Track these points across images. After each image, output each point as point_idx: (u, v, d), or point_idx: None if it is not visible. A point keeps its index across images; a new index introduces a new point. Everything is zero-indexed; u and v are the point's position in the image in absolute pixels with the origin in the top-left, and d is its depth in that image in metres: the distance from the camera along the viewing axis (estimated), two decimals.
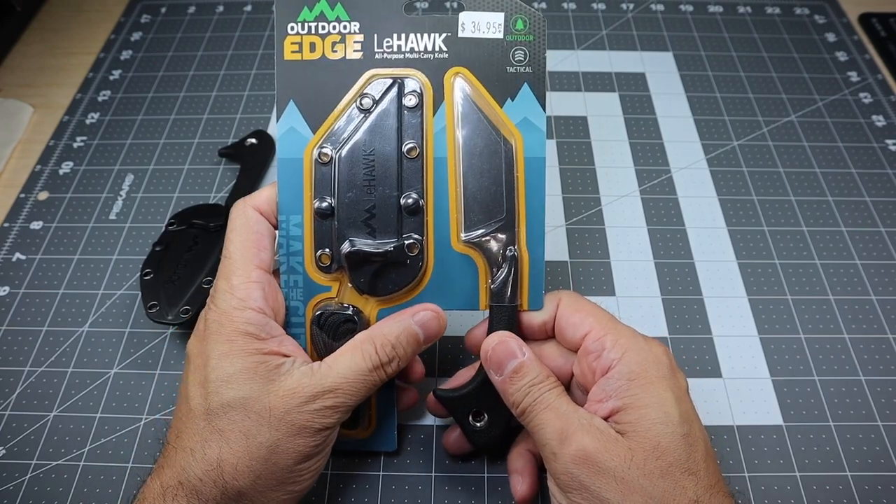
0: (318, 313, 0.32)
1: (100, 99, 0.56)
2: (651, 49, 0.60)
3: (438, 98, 0.32)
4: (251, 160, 0.50)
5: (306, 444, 0.29)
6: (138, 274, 0.44)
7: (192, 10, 0.64)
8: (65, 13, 0.65)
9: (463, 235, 0.33)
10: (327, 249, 0.32)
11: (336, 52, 0.32)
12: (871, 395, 0.39)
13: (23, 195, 0.50)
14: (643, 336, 0.31)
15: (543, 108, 0.32)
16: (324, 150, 0.32)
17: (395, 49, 0.32)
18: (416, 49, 0.32)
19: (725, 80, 0.57)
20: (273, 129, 0.53)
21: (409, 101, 0.32)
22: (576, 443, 0.27)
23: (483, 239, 0.32)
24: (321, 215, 0.32)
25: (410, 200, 0.32)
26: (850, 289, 0.44)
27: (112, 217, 0.48)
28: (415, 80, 0.32)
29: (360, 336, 0.31)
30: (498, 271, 0.32)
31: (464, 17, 0.32)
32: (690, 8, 0.64)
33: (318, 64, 0.32)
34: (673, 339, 0.41)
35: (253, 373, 0.29)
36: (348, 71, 0.32)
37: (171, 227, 0.44)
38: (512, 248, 0.32)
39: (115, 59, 0.59)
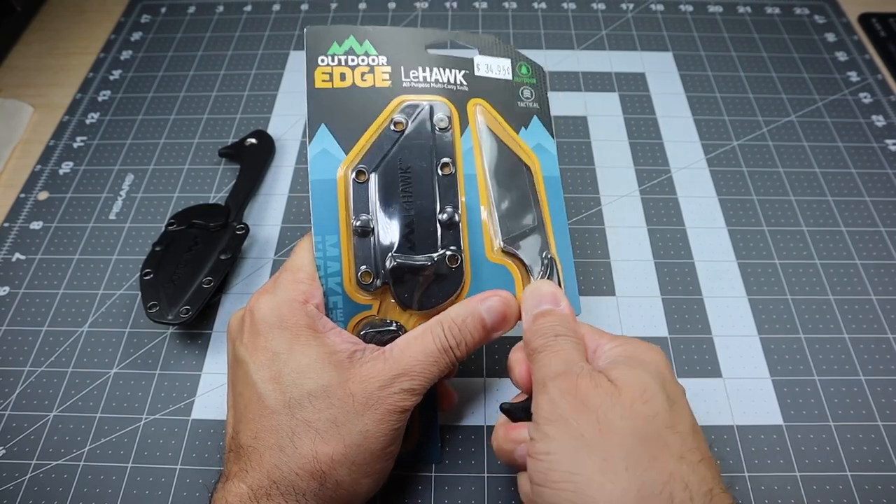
0: (362, 332, 0.32)
1: (100, 99, 0.56)
2: (651, 49, 0.60)
3: (464, 122, 0.35)
4: (251, 160, 0.50)
5: (391, 427, 0.29)
6: (138, 274, 0.44)
7: (192, 10, 0.64)
8: (65, 13, 0.65)
9: (500, 243, 0.33)
10: (367, 267, 0.32)
11: (365, 80, 0.34)
12: (871, 395, 0.39)
13: (23, 195, 0.50)
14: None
15: (552, 136, 0.36)
16: (360, 169, 0.33)
17: (422, 79, 0.35)
18: (441, 80, 0.35)
19: (725, 80, 0.57)
20: (275, 132, 0.53)
21: (440, 122, 0.34)
22: (570, 380, 0.27)
23: (519, 243, 0.33)
24: (360, 233, 0.32)
25: (446, 215, 0.33)
26: (850, 289, 0.44)
27: (112, 217, 0.48)
28: (442, 104, 0.34)
29: (430, 321, 0.31)
30: (539, 276, 0.33)
31: (478, 59, 0.36)
32: (690, 8, 0.64)
33: (348, 91, 0.34)
34: (673, 339, 0.41)
35: (328, 362, 0.29)
36: (378, 97, 0.34)
37: (171, 227, 0.44)
38: (547, 252, 0.33)
39: (115, 60, 0.59)
